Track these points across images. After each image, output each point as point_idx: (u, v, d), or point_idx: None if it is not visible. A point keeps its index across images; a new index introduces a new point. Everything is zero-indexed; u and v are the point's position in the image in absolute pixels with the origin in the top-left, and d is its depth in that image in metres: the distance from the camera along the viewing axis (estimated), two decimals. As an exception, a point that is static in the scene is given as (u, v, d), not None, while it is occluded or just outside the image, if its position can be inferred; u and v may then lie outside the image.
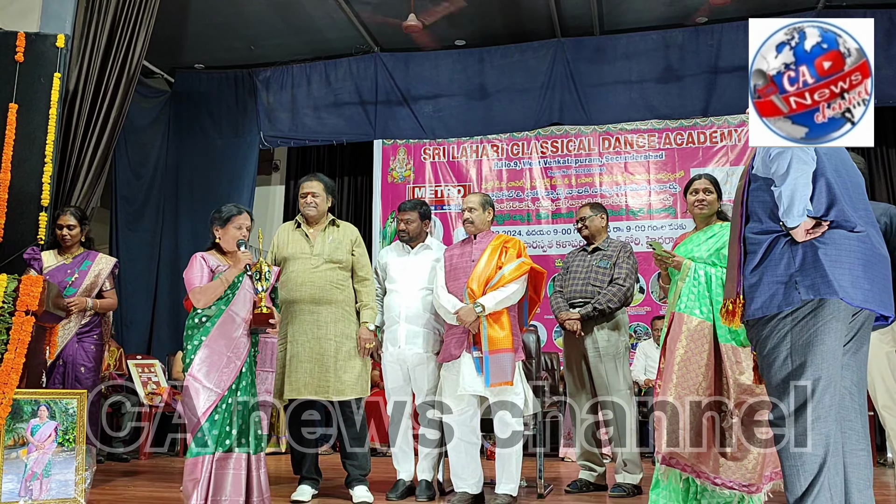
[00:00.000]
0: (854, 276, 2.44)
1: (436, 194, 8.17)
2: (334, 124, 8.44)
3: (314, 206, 4.14)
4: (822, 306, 2.44)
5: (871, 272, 2.48)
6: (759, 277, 2.56)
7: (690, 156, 7.59)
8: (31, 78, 4.71)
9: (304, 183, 4.23)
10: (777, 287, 2.51)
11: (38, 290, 3.84)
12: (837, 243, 2.47)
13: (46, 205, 4.57)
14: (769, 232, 2.56)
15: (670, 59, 7.63)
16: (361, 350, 4.04)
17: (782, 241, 2.54)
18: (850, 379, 2.51)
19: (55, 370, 4.42)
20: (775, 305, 2.50)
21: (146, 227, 8.25)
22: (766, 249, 2.56)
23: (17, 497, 3.64)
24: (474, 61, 8.12)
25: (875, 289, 2.48)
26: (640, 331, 7.36)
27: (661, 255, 3.75)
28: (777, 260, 2.54)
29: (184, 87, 8.75)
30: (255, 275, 3.59)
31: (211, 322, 3.49)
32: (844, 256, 2.45)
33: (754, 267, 2.58)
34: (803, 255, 2.49)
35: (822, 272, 2.43)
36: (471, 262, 4.00)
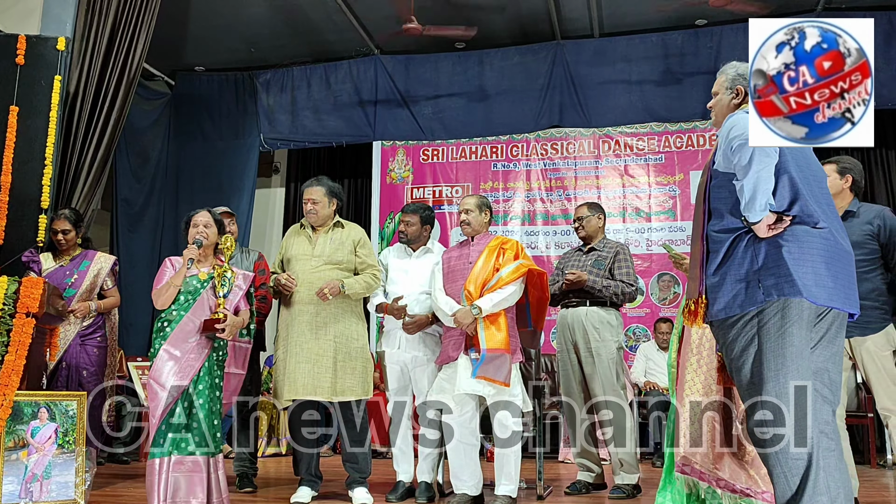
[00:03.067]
0: (817, 274, 2.41)
1: (434, 195, 8.18)
2: (334, 126, 8.45)
3: (314, 213, 4.15)
4: (787, 306, 2.40)
5: (835, 269, 2.45)
6: (721, 277, 2.53)
7: (690, 158, 7.60)
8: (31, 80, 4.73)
9: (306, 189, 4.23)
10: (740, 287, 2.47)
11: (39, 291, 3.86)
12: (800, 240, 2.43)
13: (46, 207, 4.58)
14: (731, 230, 2.53)
15: (670, 61, 7.64)
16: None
17: (745, 238, 2.50)
18: (822, 381, 2.46)
19: (58, 373, 4.42)
20: (737, 306, 2.48)
21: (147, 230, 8.25)
22: (728, 248, 2.52)
23: (18, 499, 3.65)
24: (474, 63, 8.13)
25: (839, 286, 2.44)
26: (639, 332, 7.37)
27: (676, 257, 3.79)
28: (740, 259, 2.50)
29: (184, 90, 8.76)
30: (218, 280, 3.67)
31: (171, 327, 3.56)
32: (807, 254, 2.42)
33: (717, 266, 2.54)
34: (766, 254, 2.45)
35: (786, 271, 2.40)
36: (468, 264, 4.01)
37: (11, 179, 4.49)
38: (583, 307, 4.43)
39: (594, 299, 4.41)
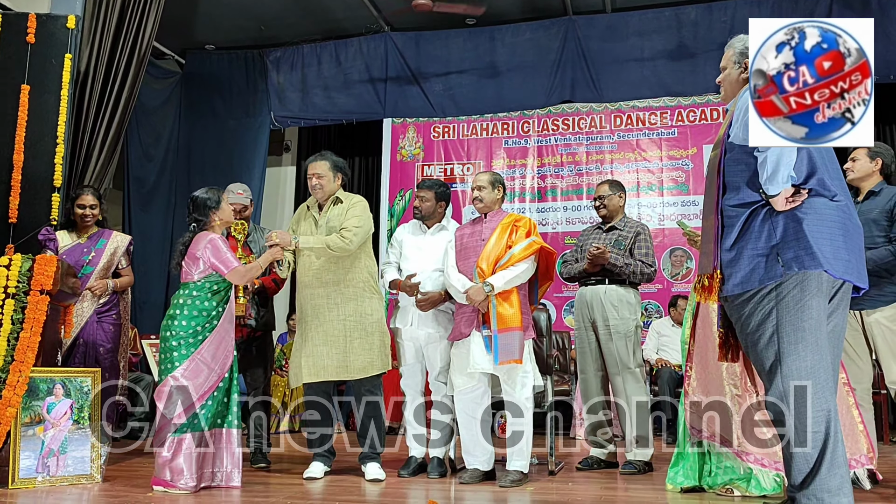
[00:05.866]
0: (835, 247, 2.40)
1: (445, 173, 8.15)
2: (344, 104, 8.43)
3: (319, 187, 4.13)
4: (806, 279, 2.39)
5: (850, 243, 2.44)
6: (738, 252, 2.50)
7: (703, 132, 7.54)
8: (42, 59, 4.72)
9: (310, 164, 4.18)
10: (758, 261, 2.45)
11: (53, 269, 3.88)
12: (819, 213, 2.42)
13: (59, 186, 4.60)
14: (748, 204, 2.51)
15: (683, 35, 7.55)
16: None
17: (761, 212, 2.48)
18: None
19: (75, 350, 4.45)
20: (756, 280, 2.46)
21: (159, 208, 8.28)
22: (744, 222, 2.51)
23: (35, 473, 3.70)
24: (485, 39, 8.06)
25: (853, 259, 2.44)
26: (651, 309, 7.35)
27: (690, 233, 3.79)
28: (757, 233, 2.48)
29: (195, 68, 8.75)
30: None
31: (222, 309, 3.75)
32: (826, 227, 2.41)
33: (734, 241, 2.52)
34: (784, 227, 2.44)
35: (806, 244, 2.38)
36: (481, 241, 4.00)
37: (24, 158, 4.50)
38: (602, 285, 4.42)
39: (613, 277, 4.40)
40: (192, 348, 3.60)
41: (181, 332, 3.62)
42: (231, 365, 3.74)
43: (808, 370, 2.37)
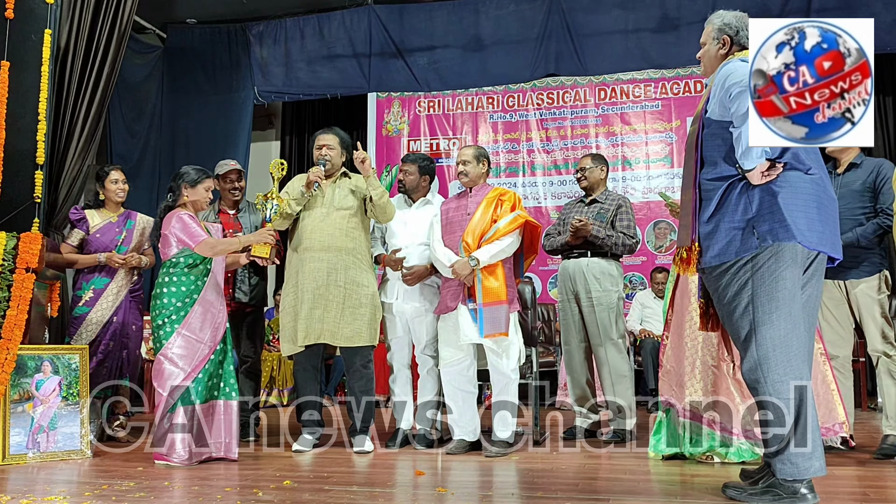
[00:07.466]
0: (809, 219, 2.46)
1: (431, 147, 8.15)
2: (328, 78, 8.37)
3: (328, 158, 4.16)
4: (780, 251, 2.45)
5: (824, 214, 2.50)
6: (715, 224, 2.56)
7: (687, 105, 7.56)
8: (21, 35, 4.66)
9: (320, 135, 4.25)
10: (734, 233, 2.51)
11: (38, 247, 3.89)
12: (794, 186, 2.47)
13: (42, 163, 4.57)
14: (724, 178, 2.56)
15: (667, 7, 7.54)
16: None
17: (738, 186, 2.53)
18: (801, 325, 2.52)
19: (109, 328, 4.43)
20: (732, 252, 2.52)
21: (143, 185, 8.21)
22: (721, 195, 2.56)
23: (25, 449, 3.73)
24: (469, 12, 8.02)
25: (827, 231, 2.50)
26: (635, 281, 7.42)
27: (672, 205, 3.83)
28: (734, 206, 2.53)
29: (176, 43, 8.66)
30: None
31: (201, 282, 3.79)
32: (801, 200, 2.46)
33: (711, 214, 2.58)
34: (760, 201, 2.49)
35: (781, 217, 2.44)
36: (466, 216, 4.03)
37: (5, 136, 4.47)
38: (584, 258, 4.46)
39: (595, 250, 4.44)
40: (176, 324, 3.64)
41: (164, 310, 3.68)
42: (224, 336, 3.78)
43: (781, 339, 2.43)
